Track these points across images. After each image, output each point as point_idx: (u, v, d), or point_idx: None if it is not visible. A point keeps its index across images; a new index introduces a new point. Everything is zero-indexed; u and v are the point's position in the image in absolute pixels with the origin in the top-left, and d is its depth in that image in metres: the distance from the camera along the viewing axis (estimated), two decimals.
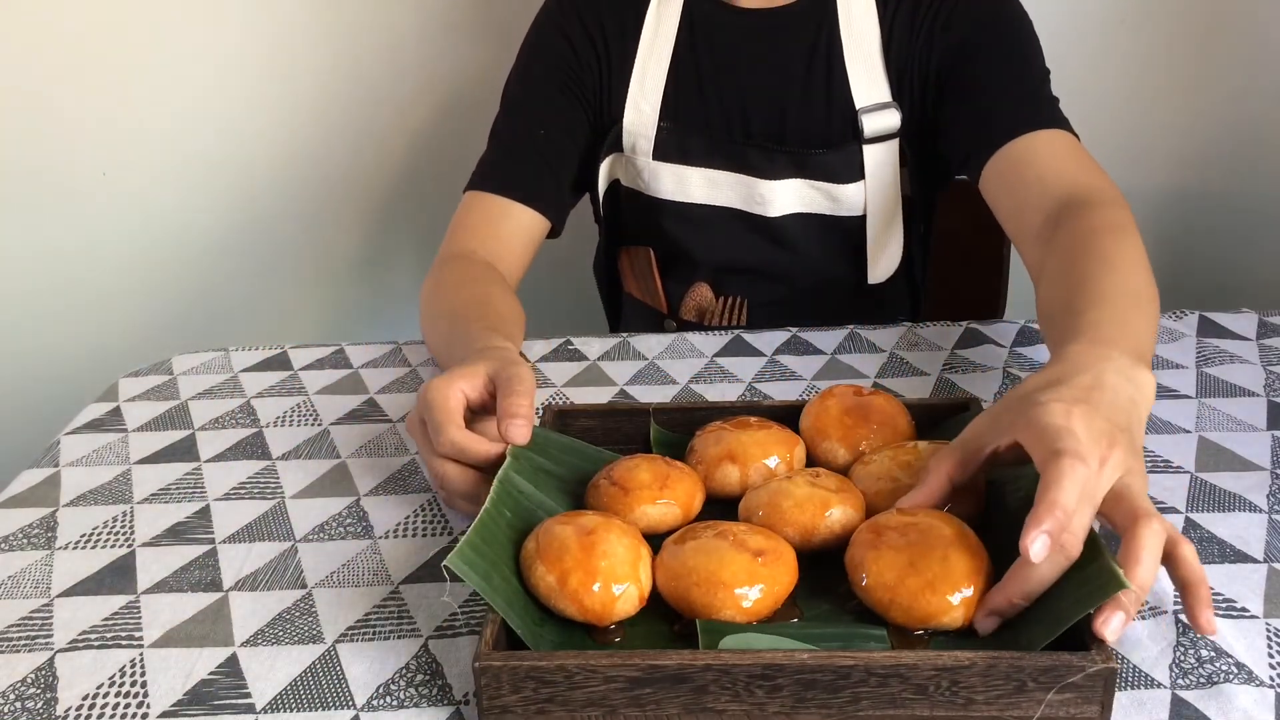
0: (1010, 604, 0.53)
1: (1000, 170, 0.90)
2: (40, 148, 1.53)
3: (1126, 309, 0.68)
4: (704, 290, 1.11)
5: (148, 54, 1.50)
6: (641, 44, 1.03)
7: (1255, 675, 0.55)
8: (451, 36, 1.52)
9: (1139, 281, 0.72)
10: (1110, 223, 0.78)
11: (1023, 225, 0.86)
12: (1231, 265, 1.54)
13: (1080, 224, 0.79)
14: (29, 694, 0.58)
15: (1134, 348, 0.64)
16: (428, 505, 0.74)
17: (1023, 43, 0.96)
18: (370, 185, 1.62)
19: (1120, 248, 0.75)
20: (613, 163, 1.08)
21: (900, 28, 0.99)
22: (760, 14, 1.01)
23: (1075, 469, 0.50)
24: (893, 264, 1.06)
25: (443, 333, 0.88)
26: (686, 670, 0.50)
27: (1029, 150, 0.89)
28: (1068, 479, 0.50)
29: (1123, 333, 0.65)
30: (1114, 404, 0.56)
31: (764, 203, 1.02)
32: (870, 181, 1.01)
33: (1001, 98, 0.93)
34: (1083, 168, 0.87)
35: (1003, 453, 0.58)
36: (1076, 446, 0.51)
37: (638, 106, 1.03)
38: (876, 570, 0.56)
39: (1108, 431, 0.53)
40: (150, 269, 1.61)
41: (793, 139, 1.02)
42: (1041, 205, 0.84)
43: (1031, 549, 0.49)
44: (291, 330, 1.67)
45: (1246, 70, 1.48)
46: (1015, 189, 0.88)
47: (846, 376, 0.88)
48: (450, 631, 0.61)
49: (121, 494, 0.77)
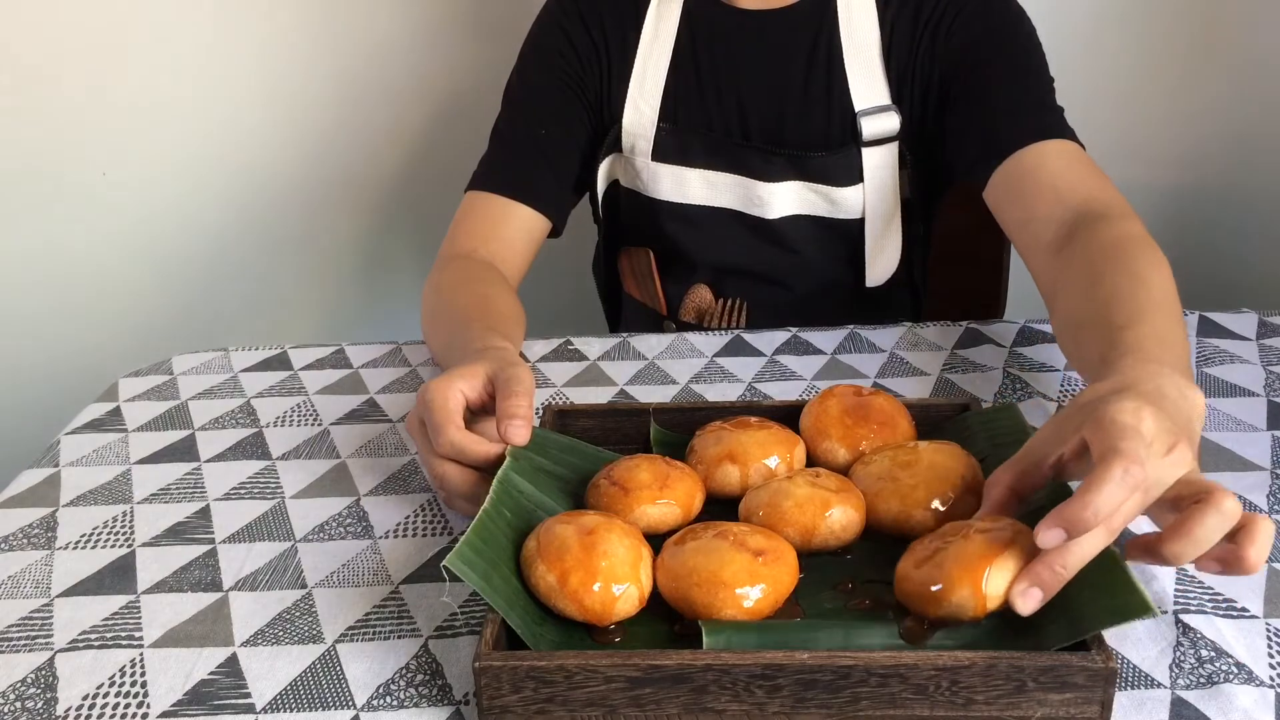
0: (1052, 571, 0.51)
1: (1009, 179, 0.89)
2: (40, 148, 1.53)
3: (1164, 324, 0.67)
4: (703, 292, 1.11)
5: (148, 54, 1.50)
6: (641, 44, 1.03)
7: (1255, 675, 0.55)
8: (452, 36, 1.52)
9: (1168, 295, 0.71)
10: (1131, 234, 0.77)
11: (1033, 235, 0.86)
12: (1231, 265, 1.54)
13: (1100, 236, 0.78)
14: (29, 694, 0.58)
15: (1180, 364, 0.63)
16: (428, 505, 0.74)
17: (1028, 49, 0.96)
18: (370, 185, 1.62)
19: (1147, 260, 0.74)
20: (612, 163, 1.07)
21: (901, 31, 0.98)
22: (761, 15, 1.01)
23: (1127, 472, 0.49)
24: (891, 267, 1.06)
25: (443, 333, 0.89)
26: (686, 670, 0.50)
27: (1038, 160, 0.88)
28: (1113, 482, 0.49)
29: (1167, 349, 0.64)
30: (1176, 414, 0.55)
31: (762, 205, 1.02)
32: (869, 184, 1.01)
33: (1009, 106, 0.92)
34: (1094, 180, 0.86)
35: (1068, 460, 0.56)
36: (1135, 449, 0.50)
37: (637, 107, 1.03)
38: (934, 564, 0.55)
39: (1174, 430, 0.53)
40: (150, 269, 1.61)
41: (792, 141, 1.01)
42: (1054, 216, 0.84)
43: (1041, 536, 0.49)
44: (291, 330, 1.67)
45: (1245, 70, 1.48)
46: (1025, 199, 0.88)
47: (846, 376, 0.88)
48: (450, 631, 0.61)
49: (121, 494, 0.77)
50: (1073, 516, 0.49)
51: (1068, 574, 0.50)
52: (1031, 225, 0.86)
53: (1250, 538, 0.51)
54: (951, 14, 0.97)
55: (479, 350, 0.74)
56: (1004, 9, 0.97)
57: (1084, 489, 0.49)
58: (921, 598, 0.54)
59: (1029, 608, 0.51)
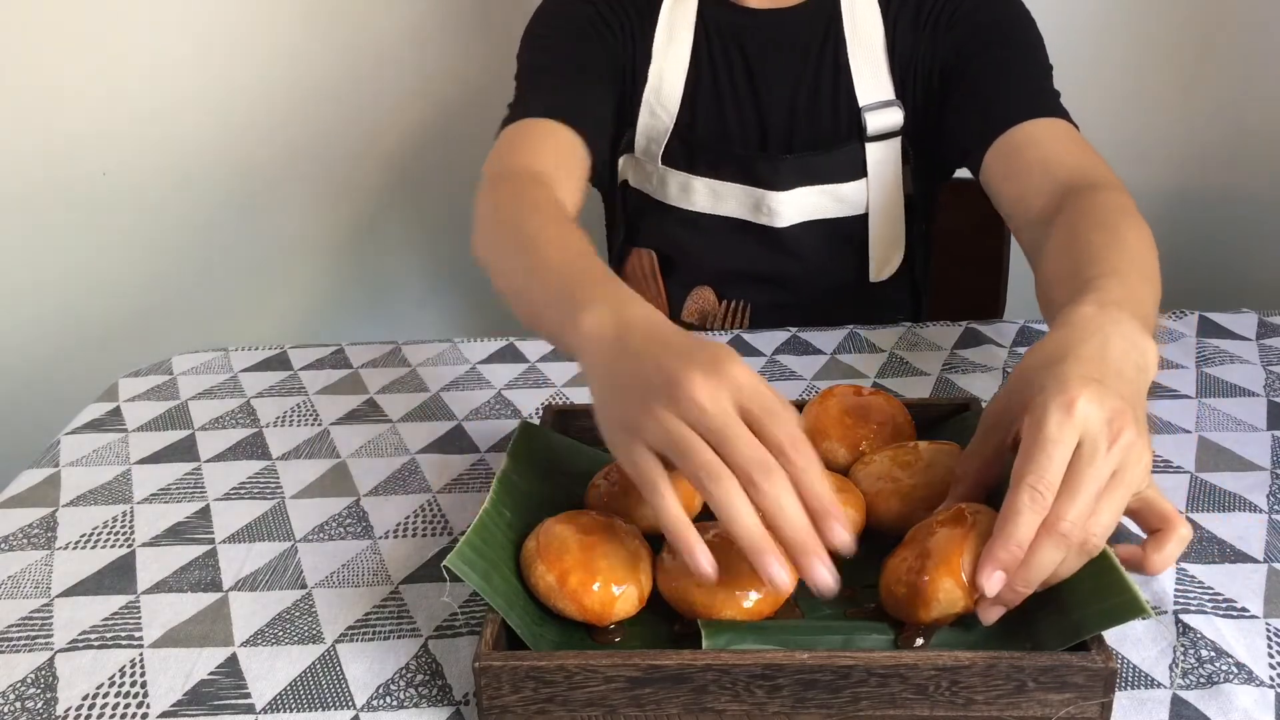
0: (1013, 591, 0.51)
1: (1001, 157, 0.89)
2: (40, 148, 1.53)
3: (1135, 281, 0.65)
4: (707, 294, 1.10)
5: (148, 54, 1.50)
6: (656, 44, 1.01)
7: (1255, 675, 0.55)
8: (453, 36, 1.52)
9: (1147, 259, 0.70)
10: (1117, 203, 0.77)
11: (1023, 210, 0.85)
12: (1231, 265, 1.55)
13: (1085, 203, 0.77)
14: (29, 694, 0.58)
15: (1139, 312, 0.61)
16: (428, 505, 0.74)
17: (1026, 39, 0.96)
18: (371, 186, 1.62)
19: (1129, 226, 0.73)
20: (623, 164, 1.07)
21: (904, 26, 0.98)
22: (769, 14, 1.00)
23: (1033, 499, 0.49)
24: (895, 261, 1.06)
25: (540, 265, 0.71)
26: (686, 670, 0.50)
27: (1029, 137, 0.88)
28: (1025, 511, 0.49)
29: (1131, 297, 0.61)
30: (1120, 374, 0.54)
31: (772, 214, 1.02)
32: (872, 179, 1.01)
33: (1003, 88, 0.92)
34: (1084, 154, 0.86)
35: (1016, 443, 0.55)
36: (1043, 468, 0.50)
37: (653, 111, 1.02)
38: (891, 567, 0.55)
39: (1118, 408, 0.51)
40: (150, 269, 1.61)
41: (800, 143, 1.01)
42: (1043, 189, 0.83)
43: (984, 583, 0.50)
44: (291, 330, 1.67)
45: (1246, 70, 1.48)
46: (1017, 175, 0.87)
47: (846, 376, 0.88)
48: (450, 631, 0.61)
49: (121, 494, 0.77)
50: (1002, 556, 0.50)
51: (1029, 590, 0.51)
52: (1022, 200, 0.85)
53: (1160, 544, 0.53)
54: (952, 7, 0.97)
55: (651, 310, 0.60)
56: (1003, 2, 0.97)
57: (999, 523, 0.50)
58: (910, 605, 0.54)
59: (991, 620, 0.53)
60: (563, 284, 0.65)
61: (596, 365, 0.58)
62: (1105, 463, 0.50)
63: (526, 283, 0.70)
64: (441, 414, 0.86)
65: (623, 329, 0.58)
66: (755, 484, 0.50)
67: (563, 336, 0.63)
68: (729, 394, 0.51)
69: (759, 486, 0.50)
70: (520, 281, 0.71)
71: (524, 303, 0.70)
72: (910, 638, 0.54)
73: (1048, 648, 0.51)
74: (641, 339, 0.57)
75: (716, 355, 0.53)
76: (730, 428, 0.51)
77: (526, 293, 0.70)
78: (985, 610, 0.53)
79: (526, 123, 0.92)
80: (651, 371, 0.53)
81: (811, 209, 1.02)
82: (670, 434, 0.51)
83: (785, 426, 0.51)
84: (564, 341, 0.63)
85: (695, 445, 0.51)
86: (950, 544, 0.53)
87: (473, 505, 0.73)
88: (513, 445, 0.67)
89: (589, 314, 0.60)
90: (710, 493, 0.50)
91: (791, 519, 0.50)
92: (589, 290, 0.62)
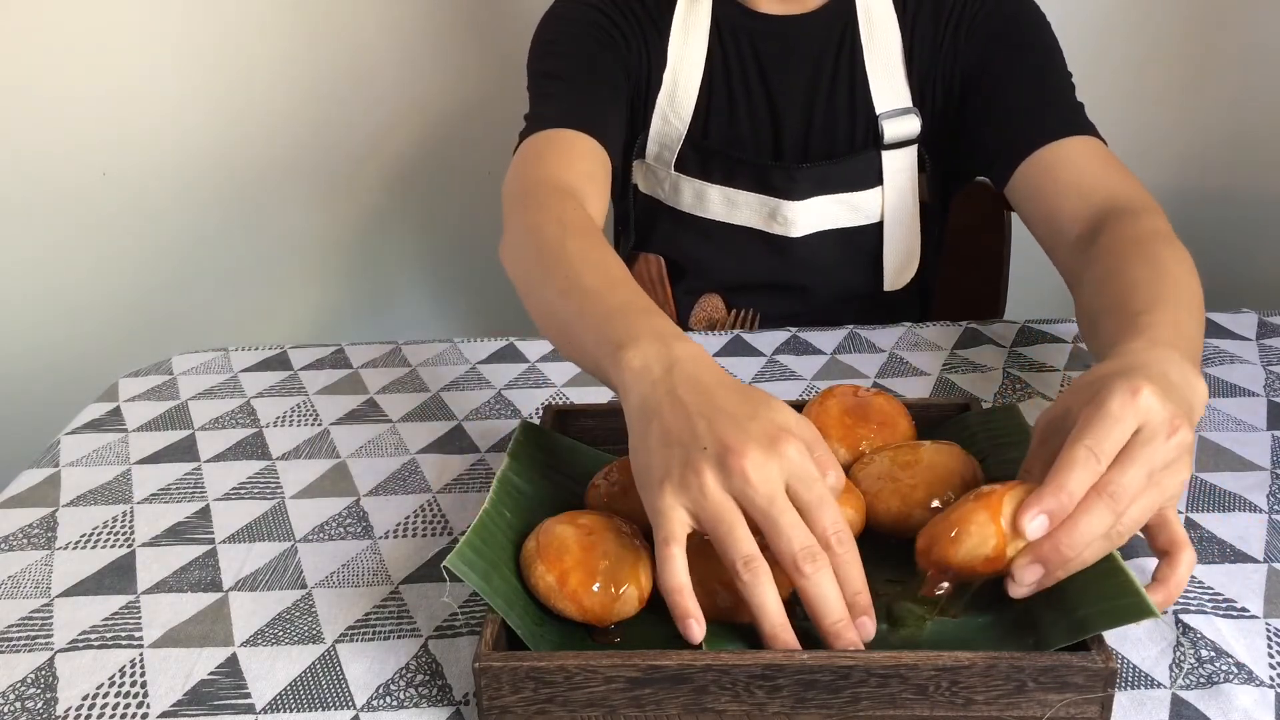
0: (1056, 552, 0.50)
1: (1032, 176, 0.89)
2: (40, 148, 1.53)
3: (1180, 314, 0.66)
4: (715, 301, 1.10)
5: (148, 54, 1.50)
6: (671, 50, 1.00)
7: (1255, 675, 0.55)
8: (454, 36, 1.52)
9: (1190, 288, 0.71)
10: (1156, 229, 0.77)
11: (1058, 231, 0.85)
12: (1231, 265, 1.55)
13: (1125, 230, 0.78)
14: (29, 694, 0.58)
15: (1191, 354, 0.62)
16: (428, 505, 0.74)
17: (1047, 48, 0.95)
18: (371, 186, 1.62)
19: (1170, 254, 0.74)
20: (634, 169, 1.07)
21: (922, 33, 0.98)
22: (784, 20, 0.99)
23: (1089, 461, 0.50)
24: (910, 271, 1.05)
25: (582, 289, 0.68)
26: (686, 670, 0.50)
27: (1062, 157, 0.88)
28: (1077, 470, 0.50)
29: (1179, 336, 0.63)
30: (1179, 399, 0.55)
31: (786, 224, 1.01)
32: (888, 187, 1.01)
33: (1030, 103, 0.92)
34: (1119, 175, 0.86)
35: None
36: (1107, 430, 0.51)
37: (666, 118, 1.01)
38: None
39: (1177, 413, 0.52)
40: (150, 269, 1.61)
41: (816, 151, 1.00)
42: (1079, 212, 0.84)
43: (1026, 525, 0.50)
44: (291, 330, 1.67)
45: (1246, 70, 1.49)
46: (1049, 195, 0.87)
47: (846, 376, 0.88)
48: (450, 631, 0.61)
49: (121, 494, 0.77)
50: (1050, 502, 0.50)
51: (1071, 554, 0.50)
52: (1056, 221, 0.86)
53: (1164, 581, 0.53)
54: (971, 13, 0.96)
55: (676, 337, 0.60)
56: (1022, 7, 0.97)
57: (1051, 473, 0.51)
58: (940, 541, 0.53)
59: (1026, 581, 0.51)
60: (605, 315, 0.64)
61: (642, 408, 0.57)
62: (1160, 451, 0.51)
63: (563, 307, 0.68)
64: (441, 414, 0.86)
65: (668, 372, 0.57)
66: (801, 570, 0.50)
67: (603, 371, 0.62)
68: (780, 472, 0.52)
69: (804, 573, 0.50)
70: (556, 305, 0.69)
71: (558, 328, 0.70)
72: (935, 581, 0.54)
73: (1051, 645, 0.51)
74: (690, 388, 0.56)
75: (769, 429, 0.53)
76: (781, 514, 0.51)
77: (563, 318, 0.68)
78: (1019, 575, 0.51)
79: (548, 133, 0.91)
80: (703, 430, 0.53)
81: (826, 218, 1.02)
82: (715, 506, 0.51)
83: (830, 514, 0.52)
84: (605, 376, 0.62)
85: (738, 530, 0.51)
86: (995, 492, 0.53)
87: (473, 505, 0.73)
88: (513, 445, 0.67)
89: (633, 352, 0.59)
90: (745, 581, 0.51)
91: (834, 609, 0.51)
92: (633, 324, 0.61)
